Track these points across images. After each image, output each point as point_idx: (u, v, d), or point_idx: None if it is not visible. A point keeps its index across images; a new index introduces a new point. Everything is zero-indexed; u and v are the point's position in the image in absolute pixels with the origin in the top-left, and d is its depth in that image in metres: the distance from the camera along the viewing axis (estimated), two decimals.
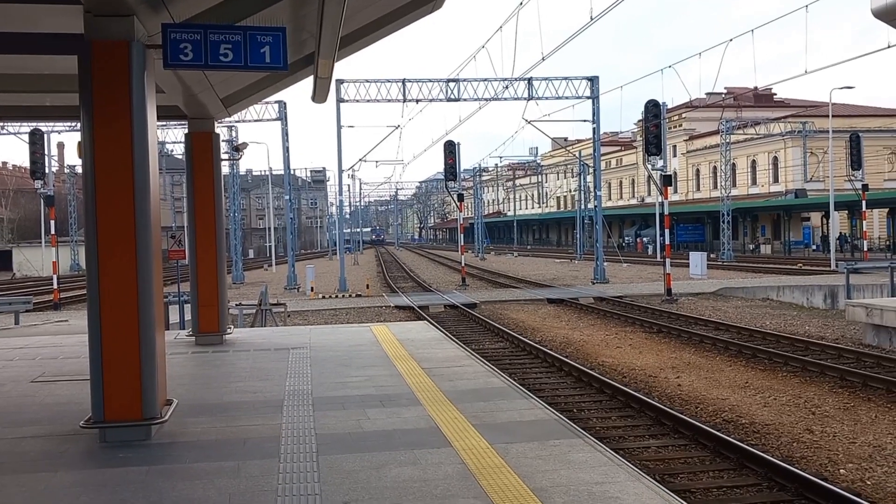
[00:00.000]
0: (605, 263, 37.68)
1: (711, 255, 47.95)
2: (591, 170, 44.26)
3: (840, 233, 42.95)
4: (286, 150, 38.05)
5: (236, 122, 38.97)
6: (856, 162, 40.71)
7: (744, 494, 7.83)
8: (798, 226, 62.35)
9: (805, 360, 14.35)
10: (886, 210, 54.34)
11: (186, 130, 13.66)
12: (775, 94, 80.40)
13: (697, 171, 79.75)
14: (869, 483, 8.14)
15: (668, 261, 27.85)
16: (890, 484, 8.07)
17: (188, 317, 16.42)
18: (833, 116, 43.94)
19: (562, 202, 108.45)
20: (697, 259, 36.78)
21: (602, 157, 41.48)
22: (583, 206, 63.04)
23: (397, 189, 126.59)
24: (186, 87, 11.50)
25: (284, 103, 37.55)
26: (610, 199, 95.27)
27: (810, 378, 13.40)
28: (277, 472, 6.35)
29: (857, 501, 7.11)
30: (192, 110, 13.11)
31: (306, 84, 12.89)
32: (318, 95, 12.55)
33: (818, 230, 60.30)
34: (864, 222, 43.71)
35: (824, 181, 56.25)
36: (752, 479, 8.19)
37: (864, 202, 39.68)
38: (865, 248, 42.66)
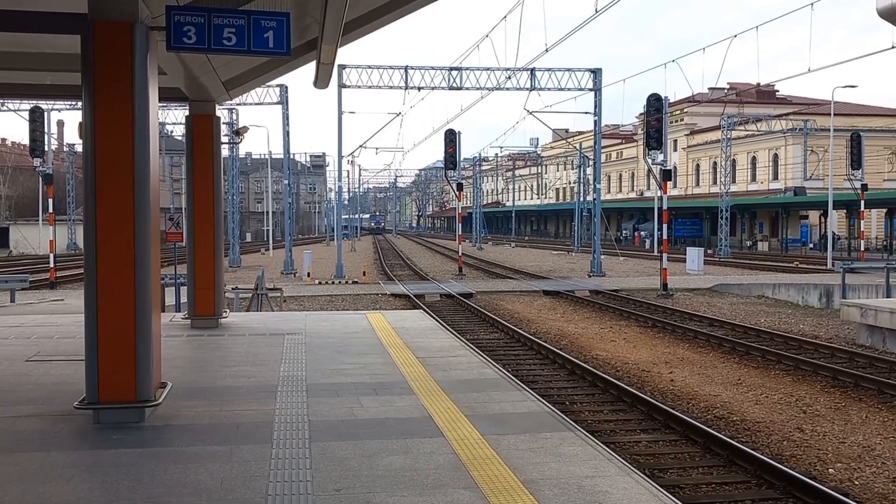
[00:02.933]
0: (602, 256, 37.71)
1: (709, 251, 47.98)
2: (591, 162, 44.25)
3: (830, 231, 42.91)
4: (286, 134, 38.00)
5: (237, 105, 38.88)
6: (856, 161, 40.67)
7: (732, 491, 7.88)
8: (796, 224, 62.37)
9: (798, 359, 14.41)
10: (885, 210, 54.34)
11: (187, 112, 13.64)
12: (778, 91, 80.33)
13: (697, 166, 79.72)
14: (857, 483, 8.19)
15: (664, 255, 27.88)
16: (877, 484, 8.13)
17: (184, 299, 16.44)
18: (835, 115, 43.90)
19: (561, 194, 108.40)
20: (694, 254, 36.84)
21: (602, 150, 41.42)
22: (582, 199, 63.02)
23: (396, 176, 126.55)
24: (188, 70, 11.48)
25: (286, 87, 37.51)
26: (609, 192, 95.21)
27: (803, 377, 13.46)
28: (269, 457, 6.38)
29: (845, 501, 7.16)
30: (193, 93, 13.09)
31: (308, 69, 12.87)
32: (321, 81, 12.52)
33: (816, 229, 60.36)
34: (862, 222, 43.74)
35: (824, 180, 56.29)
36: (741, 477, 8.24)
37: (862, 202, 39.69)
38: (862, 248, 42.71)
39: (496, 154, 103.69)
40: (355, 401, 8.33)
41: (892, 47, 18.21)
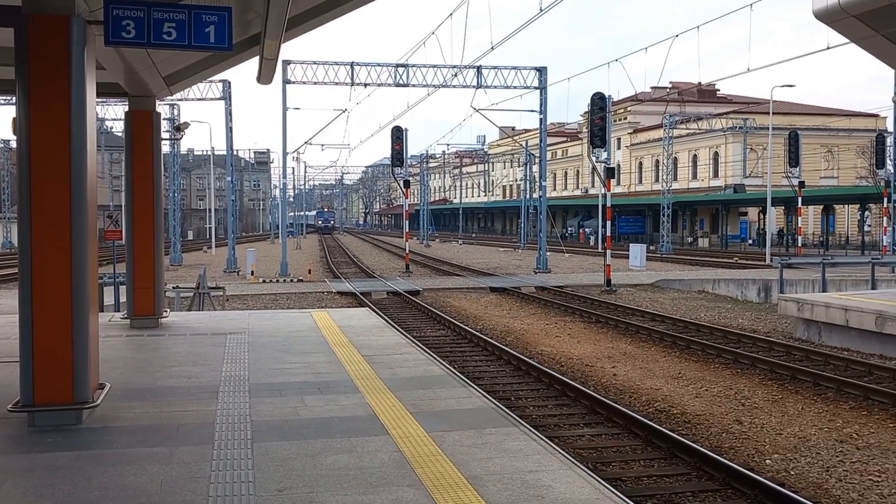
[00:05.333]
0: (548, 253, 38.05)
1: (651, 248, 48.78)
2: (537, 160, 44.59)
3: (777, 227, 44.08)
4: (229, 130, 37.51)
5: (179, 100, 38.26)
6: (794, 159, 41.73)
7: (673, 483, 8.03)
8: (736, 220, 63.78)
9: (737, 353, 14.73)
10: (821, 207, 55.88)
11: (127, 108, 13.38)
12: (718, 90, 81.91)
13: (640, 164, 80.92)
14: (793, 473, 8.41)
15: (608, 252, 28.25)
16: (812, 474, 8.36)
17: (124, 299, 16.12)
18: (773, 114, 44.99)
19: (508, 191, 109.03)
20: (637, 251, 37.41)
21: (548, 148, 41.76)
22: (528, 196, 63.51)
23: (343, 173, 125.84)
24: (128, 65, 11.25)
25: (229, 83, 37.02)
26: (555, 189, 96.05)
27: (742, 370, 13.77)
28: (211, 458, 6.30)
29: (781, 490, 7.35)
30: (133, 88, 12.84)
31: (252, 64, 12.71)
32: (264, 76, 12.37)
33: (755, 225, 61.79)
34: (799, 218, 44.94)
35: (762, 177, 57.61)
36: (681, 469, 8.40)
37: (800, 199, 40.76)
38: (800, 244, 43.85)
39: (443, 151, 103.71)
40: (299, 400, 8.27)
41: (828, 48, 18.76)
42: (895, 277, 28.60)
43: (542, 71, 35.70)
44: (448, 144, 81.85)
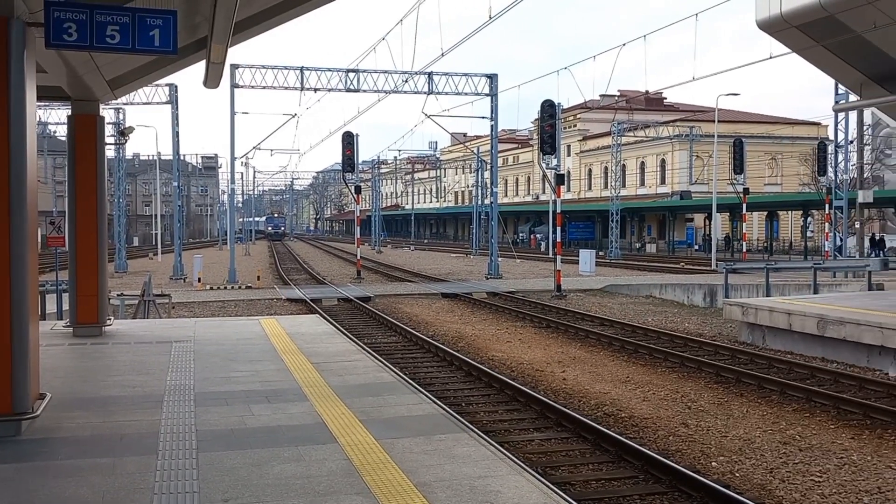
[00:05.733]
0: (500, 259, 38.21)
1: (600, 253, 49.36)
2: (488, 166, 44.79)
3: (724, 234, 44.96)
4: (176, 134, 36.95)
5: (124, 104, 37.48)
6: (738, 166, 42.60)
7: (621, 487, 8.10)
8: (682, 226, 64.89)
9: (684, 357, 14.96)
10: (765, 213, 57.10)
11: (70, 112, 13.13)
12: (665, 98, 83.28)
13: (590, 170, 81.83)
14: (738, 475, 8.56)
15: (558, 258, 28.49)
16: (756, 475, 8.51)
17: (67, 307, 15.77)
18: (718, 122, 45.86)
19: (459, 197, 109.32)
20: (587, 256, 37.78)
21: (499, 154, 42.02)
22: (480, 202, 63.74)
23: (293, 179, 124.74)
24: (70, 68, 11.03)
25: (176, 87, 36.42)
26: (506, 195, 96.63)
27: (688, 374, 13.98)
28: (155, 469, 6.18)
29: (726, 493, 7.47)
30: (75, 92, 12.61)
31: (199, 67, 12.57)
32: (211, 80, 12.23)
33: (701, 231, 62.90)
34: (744, 224, 45.86)
35: (708, 184, 58.68)
36: (629, 472, 8.48)
37: (744, 205, 41.60)
38: (745, 249, 44.74)
39: (395, 157, 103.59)
40: (246, 409, 8.17)
41: (771, 57, 19.18)
42: (837, 282, 29.34)
43: (492, 78, 35.89)
44: (400, 150, 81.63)
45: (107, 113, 28.25)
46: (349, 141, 36.27)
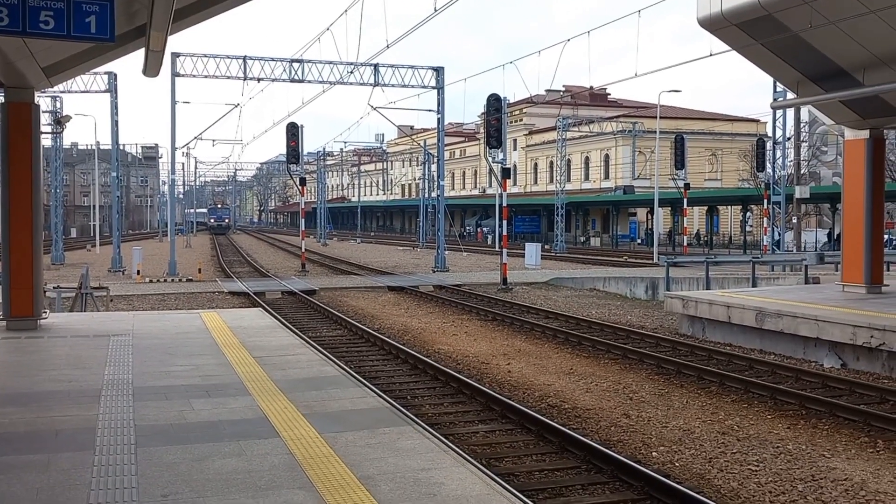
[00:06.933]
0: (447, 252, 38.26)
1: (546, 247, 49.78)
2: (435, 159, 44.79)
3: (664, 228, 45.78)
4: (115, 123, 36.11)
5: (61, 92, 36.53)
6: (679, 162, 43.29)
7: (564, 477, 8.17)
8: (625, 220, 65.82)
9: (626, 348, 15.16)
10: (706, 207, 58.24)
11: (2, 100, 12.74)
12: (609, 94, 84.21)
13: (536, 164, 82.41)
14: (678, 465, 8.71)
15: (504, 251, 28.63)
16: (696, 465, 8.67)
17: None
18: (660, 118, 46.59)
19: (406, 190, 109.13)
20: (532, 250, 38.06)
21: (446, 148, 42.07)
22: (426, 195, 63.72)
23: (236, 170, 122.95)
24: (2, 55, 10.71)
25: (115, 75, 35.62)
26: (453, 188, 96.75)
27: (630, 365, 14.18)
28: (92, 465, 6.04)
29: (665, 482, 7.59)
30: (9, 79, 12.25)
31: (139, 55, 12.30)
32: (150, 69, 11.96)
33: (644, 225, 63.90)
34: (685, 218, 46.67)
35: (651, 179, 59.59)
36: (571, 462, 8.56)
37: (685, 199, 42.35)
38: (685, 243, 45.55)
39: (341, 149, 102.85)
40: (186, 404, 8.03)
41: (711, 55, 19.52)
42: (775, 276, 30.08)
43: (439, 71, 35.85)
44: (346, 142, 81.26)
45: (43, 101, 27.35)
46: (294, 132, 35.89)
